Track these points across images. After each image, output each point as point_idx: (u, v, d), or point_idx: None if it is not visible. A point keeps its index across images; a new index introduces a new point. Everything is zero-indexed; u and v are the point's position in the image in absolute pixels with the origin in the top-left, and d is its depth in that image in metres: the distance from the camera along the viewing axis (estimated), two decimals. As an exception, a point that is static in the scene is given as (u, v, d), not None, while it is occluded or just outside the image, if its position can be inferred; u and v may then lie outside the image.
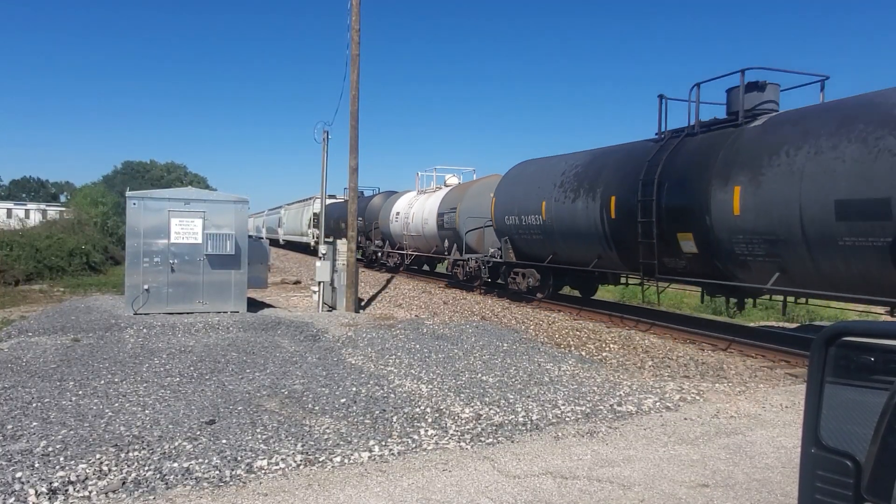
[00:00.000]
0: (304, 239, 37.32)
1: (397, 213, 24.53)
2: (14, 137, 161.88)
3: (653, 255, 11.05)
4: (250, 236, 16.09)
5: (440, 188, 22.79)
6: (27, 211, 59.18)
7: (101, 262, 28.43)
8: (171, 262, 12.93)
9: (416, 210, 22.71)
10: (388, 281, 21.18)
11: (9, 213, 53.81)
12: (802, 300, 10.20)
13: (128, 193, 13.15)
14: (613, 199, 12.14)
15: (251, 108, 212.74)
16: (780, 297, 10.36)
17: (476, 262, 17.92)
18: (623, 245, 12.10)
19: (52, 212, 46.98)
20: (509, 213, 15.90)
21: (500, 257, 16.61)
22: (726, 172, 9.62)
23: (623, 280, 14.65)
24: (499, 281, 17.52)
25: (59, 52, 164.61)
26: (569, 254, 14.18)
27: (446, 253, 19.76)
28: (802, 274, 8.87)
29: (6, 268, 22.47)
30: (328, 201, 37.13)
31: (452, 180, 23.36)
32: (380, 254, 26.78)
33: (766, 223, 8.98)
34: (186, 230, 13.04)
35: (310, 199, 36.77)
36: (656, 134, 11.88)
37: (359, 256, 21.89)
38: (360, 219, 26.03)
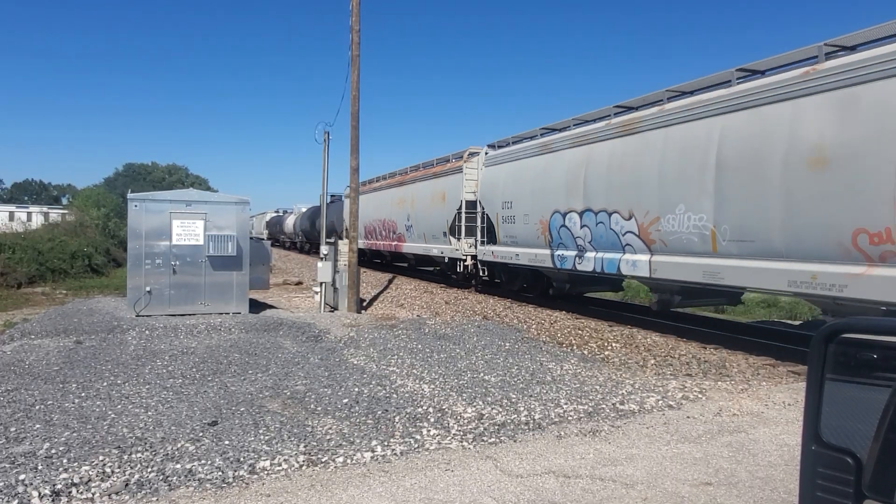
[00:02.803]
0: (261, 237, 62.27)
1: (286, 222, 48.60)
2: (15, 140, 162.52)
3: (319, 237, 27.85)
4: (258, 238, 16.10)
5: (297, 211, 46.87)
6: (29, 214, 59.38)
7: (102, 264, 28.48)
8: (172, 263, 12.94)
9: (289, 221, 47.94)
10: (390, 281, 21.20)
11: (11, 216, 53.95)
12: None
13: (129, 195, 13.16)
14: (316, 221, 31.11)
15: (252, 109, 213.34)
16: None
17: (299, 243, 44.37)
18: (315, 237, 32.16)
19: (55, 214, 47.09)
20: (301, 225, 39.60)
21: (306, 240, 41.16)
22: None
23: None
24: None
25: (60, 54, 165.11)
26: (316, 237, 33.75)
27: (298, 239, 45.23)
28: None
29: (9, 270, 22.52)
30: (272, 215, 60.12)
31: (301, 206, 47.46)
32: (286, 242, 50.77)
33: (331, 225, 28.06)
34: (188, 232, 13.05)
35: (264, 213, 64.89)
36: (330, 200, 29.94)
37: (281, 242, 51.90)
38: (278, 225, 53.51)
